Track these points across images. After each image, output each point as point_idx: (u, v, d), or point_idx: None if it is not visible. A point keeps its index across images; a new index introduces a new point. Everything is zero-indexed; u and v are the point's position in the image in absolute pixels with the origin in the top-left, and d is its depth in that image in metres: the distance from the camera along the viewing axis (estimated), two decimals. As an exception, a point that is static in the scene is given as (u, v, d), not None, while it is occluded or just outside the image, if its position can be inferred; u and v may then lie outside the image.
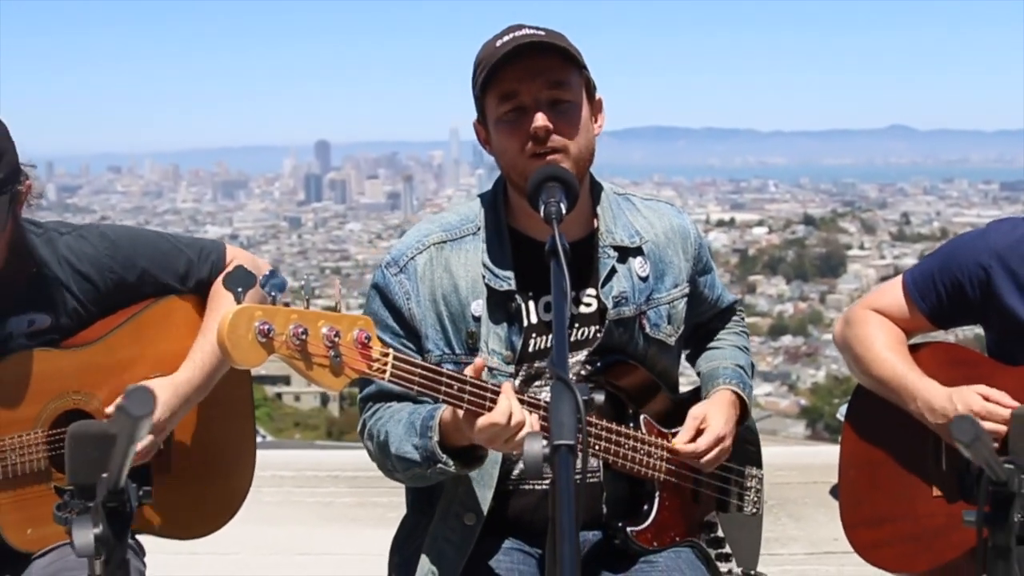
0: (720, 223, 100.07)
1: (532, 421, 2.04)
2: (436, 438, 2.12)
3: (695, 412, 2.39)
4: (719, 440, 2.37)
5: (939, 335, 2.76)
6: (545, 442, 1.45)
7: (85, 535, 1.48)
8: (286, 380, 47.99)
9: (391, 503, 5.46)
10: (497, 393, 2.04)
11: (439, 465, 2.13)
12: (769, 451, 6.70)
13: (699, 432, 2.37)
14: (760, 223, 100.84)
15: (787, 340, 70.32)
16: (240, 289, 1.77)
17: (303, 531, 5.37)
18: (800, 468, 5.62)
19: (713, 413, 2.40)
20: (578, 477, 2.26)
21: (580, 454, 1.41)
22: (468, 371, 2.07)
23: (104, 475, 1.49)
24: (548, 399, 2.19)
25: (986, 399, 2.42)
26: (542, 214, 2.01)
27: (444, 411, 2.13)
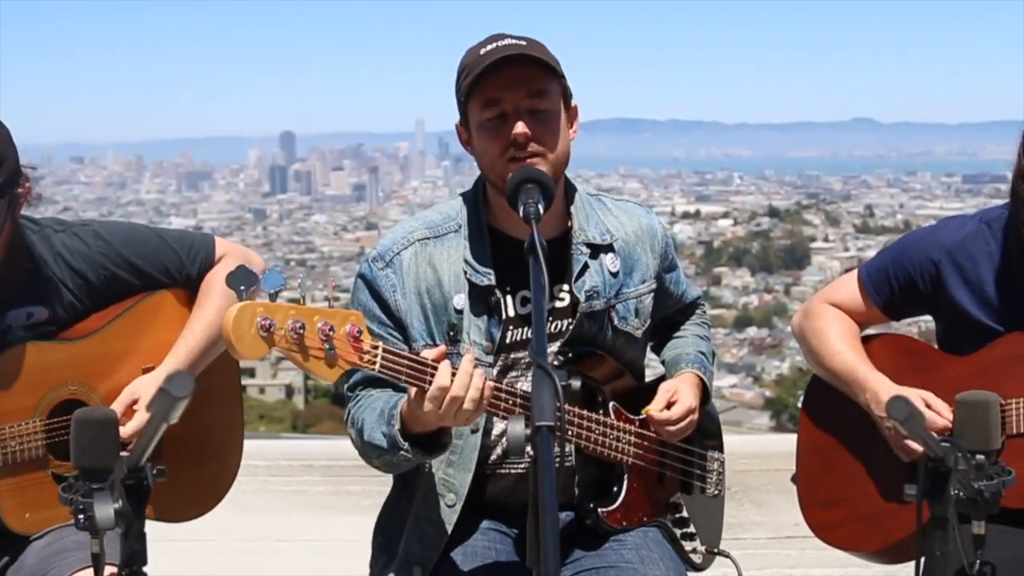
0: (685, 215, 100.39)
1: (479, 383, 2.14)
2: (397, 426, 2.24)
3: (666, 386, 2.55)
4: (689, 411, 2.52)
5: (891, 326, 2.92)
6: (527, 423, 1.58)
7: (106, 509, 1.60)
8: (251, 372, 47.84)
9: (364, 491, 5.57)
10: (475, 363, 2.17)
11: (401, 452, 2.25)
12: (732, 439, 6.86)
13: (670, 404, 2.52)
14: (725, 215, 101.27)
15: (752, 332, 70.75)
16: (243, 287, 1.89)
17: (279, 519, 5.48)
18: (762, 456, 5.78)
19: (683, 388, 2.56)
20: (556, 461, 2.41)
21: (560, 434, 1.54)
22: (430, 354, 2.17)
23: (124, 454, 1.61)
24: (524, 387, 2.34)
25: (928, 406, 2.57)
26: (521, 214, 2.14)
27: (403, 403, 2.25)
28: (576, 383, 2.43)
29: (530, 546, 1.61)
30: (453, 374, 2.12)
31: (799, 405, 2.91)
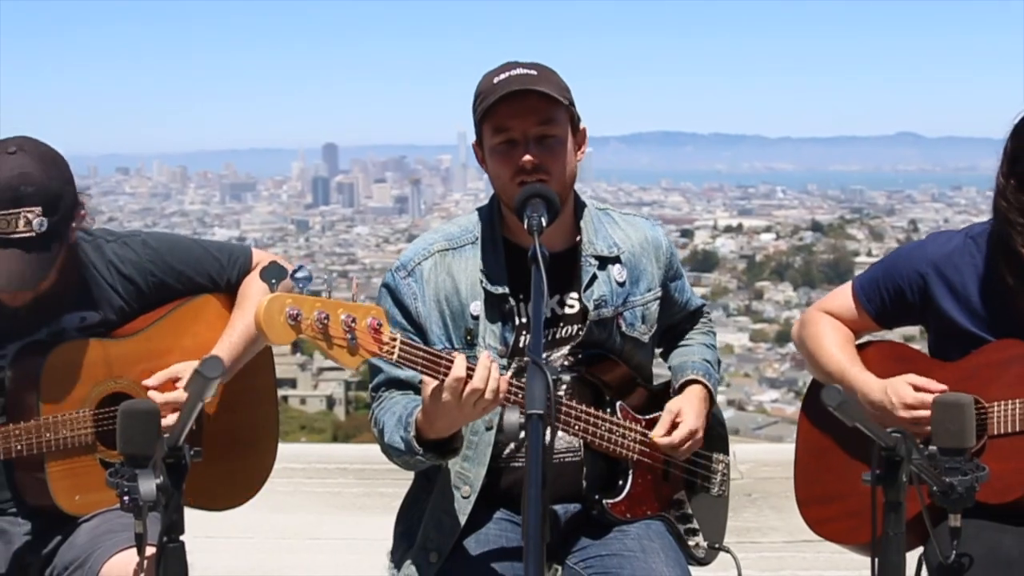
0: (728, 229, 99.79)
1: (496, 375, 2.31)
2: (412, 433, 2.43)
3: (671, 407, 2.71)
4: (692, 433, 2.69)
5: (885, 334, 3.09)
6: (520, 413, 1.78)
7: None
8: (292, 383, 48.22)
9: (396, 493, 5.71)
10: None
11: (417, 456, 2.44)
12: (756, 447, 7.03)
13: (674, 425, 2.69)
14: (767, 229, 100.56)
15: (793, 347, 70.21)
16: (274, 281, 2.09)
17: (313, 518, 5.69)
18: (784, 464, 5.89)
19: (687, 408, 2.71)
20: (563, 455, 2.61)
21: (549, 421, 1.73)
22: (459, 370, 2.32)
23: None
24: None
25: (916, 388, 2.73)
26: (525, 226, 2.34)
27: (419, 410, 2.43)
28: (566, 377, 2.61)
29: (523, 524, 1.78)
30: (468, 368, 2.31)
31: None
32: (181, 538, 1.88)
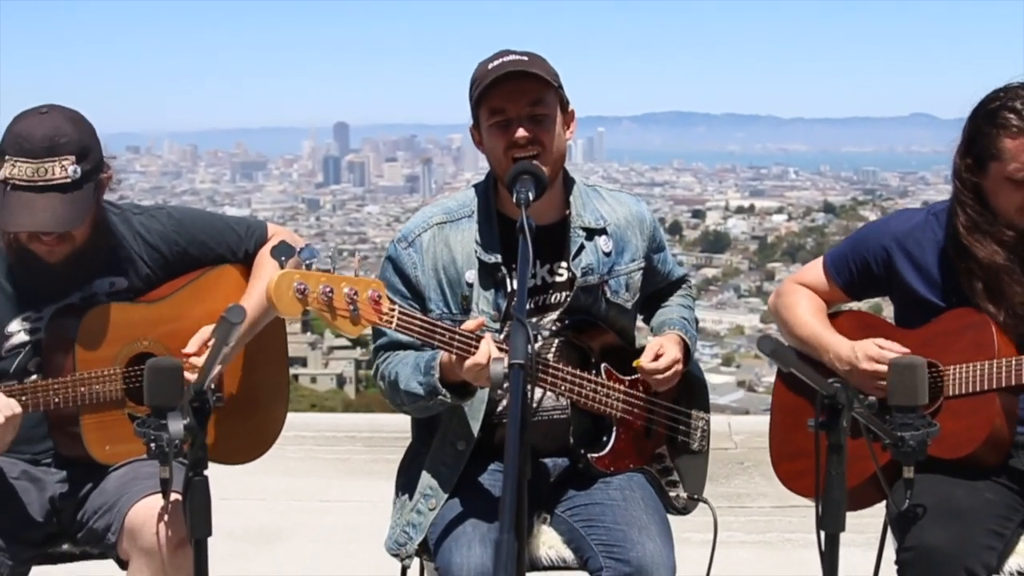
0: (740, 210, 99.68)
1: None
2: (437, 375, 2.67)
3: (653, 341, 2.93)
4: (675, 361, 2.89)
5: (853, 305, 3.32)
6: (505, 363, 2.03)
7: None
8: (303, 362, 48.50)
9: (402, 459, 6.04)
10: (478, 340, 2.59)
11: (439, 397, 2.68)
12: (750, 419, 7.27)
13: (658, 357, 2.90)
14: (780, 210, 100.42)
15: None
16: (284, 258, 2.33)
17: (323, 482, 5.95)
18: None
19: (667, 343, 2.93)
20: (551, 413, 2.84)
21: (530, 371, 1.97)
22: (470, 324, 2.62)
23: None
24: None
25: (880, 347, 2.96)
26: (514, 200, 2.57)
27: (443, 355, 2.67)
28: (545, 332, 2.85)
29: (504, 457, 2.00)
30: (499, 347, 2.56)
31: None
32: (205, 472, 2.12)
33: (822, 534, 2.28)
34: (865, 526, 3.49)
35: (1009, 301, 2.84)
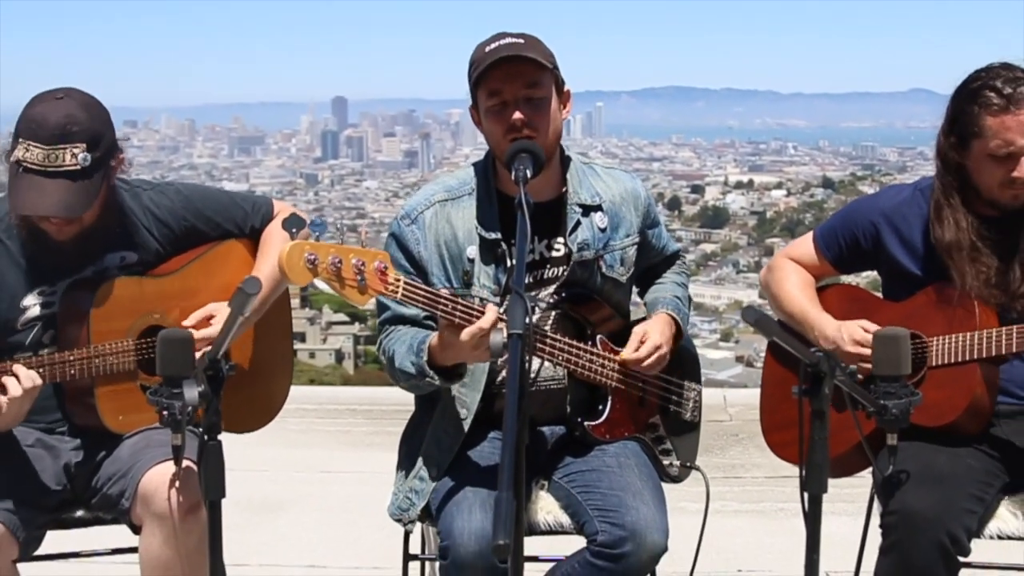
0: (739, 185, 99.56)
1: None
2: (425, 358, 2.77)
3: (637, 329, 3.02)
4: (657, 348, 2.98)
5: (844, 278, 3.42)
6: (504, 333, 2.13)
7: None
8: (301, 337, 48.57)
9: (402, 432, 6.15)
10: (480, 312, 2.69)
11: (427, 379, 2.78)
12: (745, 392, 7.37)
13: (641, 344, 3.01)
14: (779, 185, 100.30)
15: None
16: (294, 230, 2.43)
17: (325, 454, 6.06)
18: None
19: (652, 329, 3.02)
20: (548, 383, 2.94)
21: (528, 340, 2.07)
22: (488, 318, 2.64)
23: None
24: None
25: (866, 330, 3.06)
26: (512, 177, 2.67)
27: (432, 337, 2.77)
28: (542, 304, 2.95)
29: (503, 422, 2.10)
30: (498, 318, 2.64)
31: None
32: (219, 437, 2.22)
33: (806, 496, 2.39)
34: (856, 496, 3.61)
35: (981, 277, 2.94)
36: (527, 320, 2.10)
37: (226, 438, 3.11)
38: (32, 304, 2.96)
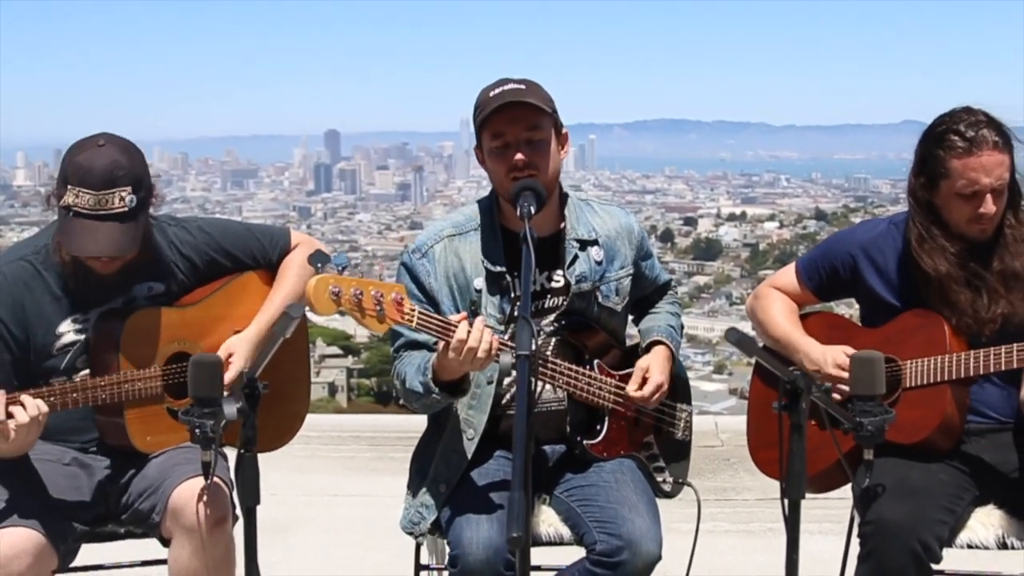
0: (731, 217, 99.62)
1: (488, 338, 2.84)
2: (430, 375, 2.98)
3: (641, 364, 3.24)
4: (659, 386, 3.23)
5: (823, 306, 3.64)
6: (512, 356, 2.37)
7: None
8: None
9: (405, 457, 6.24)
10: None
11: (433, 395, 2.99)
12: (736, 419, 7.55)
13: (644, 380, 3.24)
14: (771, 217, 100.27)
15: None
16: (319, 265, 2.65)
17: (331, 478, 6.23)
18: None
19: (654, 366, 3.25)
20: (550, 405, 3.16)
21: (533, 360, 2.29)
22: (454, 317, 2.88)
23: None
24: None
25: (847, 355, 3.27)
26: (518, 213, 2.89)
27: (434, 357, 2.97)
28: (547, 329, 3.17)
29: (513, 433, 2.32)
30: (469, 331, 2.86)
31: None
32: (253, 450, 2.44)
33: (786, 502, 2.58)
34: (841, 516, 3.81)
35: (956, 306, 3.17)
36: (533, 344, 2.33)
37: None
38: (67, 331, 3.16)
